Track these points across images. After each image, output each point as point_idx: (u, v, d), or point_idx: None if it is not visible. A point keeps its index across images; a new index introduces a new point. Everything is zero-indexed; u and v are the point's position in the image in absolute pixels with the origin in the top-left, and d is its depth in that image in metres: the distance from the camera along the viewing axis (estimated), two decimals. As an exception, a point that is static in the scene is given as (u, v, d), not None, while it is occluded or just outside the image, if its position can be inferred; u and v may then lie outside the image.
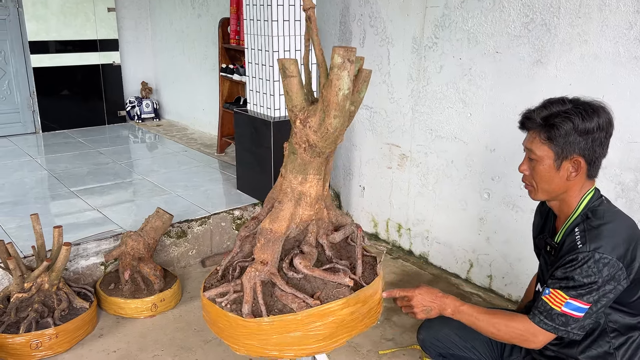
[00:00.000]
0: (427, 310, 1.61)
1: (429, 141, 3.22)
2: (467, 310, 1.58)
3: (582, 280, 1.43)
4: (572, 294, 1.44)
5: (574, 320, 1.45)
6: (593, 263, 1.42)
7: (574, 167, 1.50)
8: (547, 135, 1.48)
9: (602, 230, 1.46)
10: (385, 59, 3.39)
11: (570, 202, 1.56)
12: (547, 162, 1.51)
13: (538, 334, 1.50)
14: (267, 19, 3.24)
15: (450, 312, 1.60)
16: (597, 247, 1.43)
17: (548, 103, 1.52)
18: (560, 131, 1.46)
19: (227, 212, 3.49)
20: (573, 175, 1.51)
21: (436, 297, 1.61)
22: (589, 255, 1.42)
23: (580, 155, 1.48)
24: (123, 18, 6.03)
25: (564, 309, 1.45)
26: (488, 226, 2.98)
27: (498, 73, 2.78)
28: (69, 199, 3.71)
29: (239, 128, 3.76)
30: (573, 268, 1.44)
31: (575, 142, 1.46)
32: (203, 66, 5.53)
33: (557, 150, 1.48)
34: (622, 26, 2.29)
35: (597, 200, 1.55)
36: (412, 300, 1.61)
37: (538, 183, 1.56)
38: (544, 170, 1.52)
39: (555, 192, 1.56)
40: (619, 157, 2.38)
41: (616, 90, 2.34)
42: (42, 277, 2.52)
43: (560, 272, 1.48)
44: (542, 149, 1.50)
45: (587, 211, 1.53)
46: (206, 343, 2.57)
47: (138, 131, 5.90)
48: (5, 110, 5.43)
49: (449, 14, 2.95)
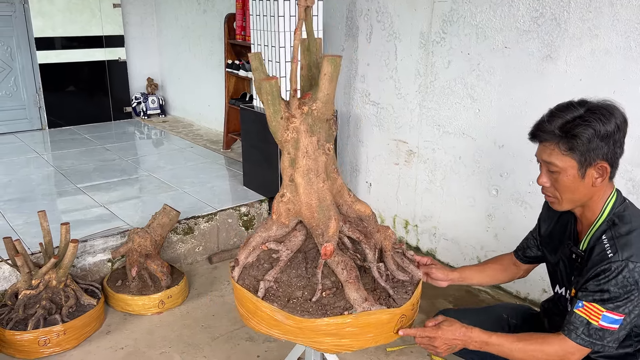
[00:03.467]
0: (451, 348, 1.54)
1: (437, 137, 3.20)
2: (497, 341, 1.50)
3: (618, 292, 1.38)
4: (609, 306, 1.39)
5: (610, 334, 1.40)
6: (628, 273, 1.37)
7: (598, 172, 1.43)
8: (569, 146, 1.40)
9: (632, 238, 1.41)
10: (393, 54, 3.36)
11: (593, 208, 1.50)
12: (571, 173, 1.43)
13: (575, 352, 1.44)
14: (273, 14, 3.22)
15: (477, 346, 1.52)
16: (630, 256, 1.38)
17: (557, 110, 1.45)
18: (582, 139, 1.38)
19: (234, 208, 3.48)
20: (599, 182, 1.45)
21: (459, 334, 1.52)
22: (623, 265, 1.37)
23: (604, 159, 1.42)
24: (129, 14, 6.03)
25: (602, 322, 1.40)
26: (496, 222, 2.96)
27: (507, 68, 2.75)
28: (75, 195, 3.71)
29: (245, 124, 3.74)
30: (607, 280, 1.39)
31: (597, 147, 1.39)
32: (209, 62, 5.51)
33: (580, 159, 1.41)
34: (633, 20, 2.25)
35: (621, 205, 1.50)
36: (435, 342, 1.53)
37: (562, 194, 1.48)
38: (569, 181, 1.45)
39: (581, 201, 1.50)
40: (630, 154, 2.33)
41: (627, 85, 2.31)
42: (50, 274, 2.52)
43: (594, 285, 1.42)
44: (564, 160, 1.42)
45: (613, 217, 1.47)
46: (214, 340, 2.57)
47: (144, 127, 5.90)
48: (11, 106, 5.44)
49: (457, 8, 2.93)
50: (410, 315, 1.55)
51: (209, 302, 2.90)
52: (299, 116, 1.48)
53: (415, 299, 1.55)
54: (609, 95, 2.30)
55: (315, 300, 1.47)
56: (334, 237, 1.49)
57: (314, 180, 1.51)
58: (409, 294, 1.55)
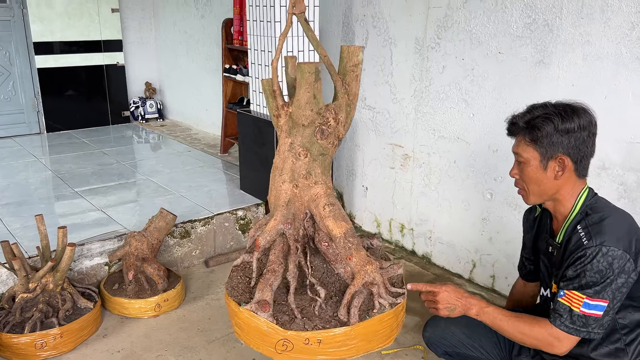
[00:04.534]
0: (450, 308, 1.62)
1: (432, 141, 3.22)
2: (492, 312, 1.59)
3: (594, 277, 1.44)
4: (588, 292, 1.45)
5: (594, 320, 1.46)
6: (602, 257, 1.43)
7: (559, 165, 1.53)
8: (531, 137, 1.53)
9: (604, 225, 1.48)
10: (388, 59, 3.39)
11: (565, 202, 1.59)
12: (534, 164, 1.55)
13: (562, 339, 1.50)
14: (270, 19, 3.25)
15: (475, 312, 1.60)
16: (603, 241, 1.45)
17: (531, 108, 1.57)
18: (542, 132, 1.51)
19: (231, 212, 3.50)
20: (560, 174, 1.54)
21: (462, 296, 1.62)
22: (597, 250, 1.44)
23: (565, 154, 1.52)
24: (127, 19, 6.06)
25: (583, 309, 1.46)
26: (491, 226, 2.99)
27: (501, 73, 2.78)
28: (73, 199, 3.73)
29: (242, 128, 3.77)
30: (583, 265, 1.46)
31: (558, 141, 1.51)
32: (206, 67, 5.54)
33: (541, 151, 1.53)
34: (624, 27, 2.29)
35: (592, 197, 1.59)
36: (438, 295, 1.62)
37: (528, 185, 1.60)
38: (532, 172, 1.56)
39: (547, 193, 1.59)
40: (621, 158, 2.38)
41: (619, 90, 2.33)
42: (47, 277, 2.54)
43: (571, 271, 1.49)
44: (528, 150, 1.55)
45: (585, 208, 1.56)
46: (209, 343, 2.58)
47: (142, 131, 5.92)
48: (10, 110, 5.46)
49: (452, 14, 2.96)
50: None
51: (205, 306, 2.92)
52: (283, 115, 1.56)
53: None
54: (600, 100, 2.35)
55: None
56: (267, 234, 1.65)
57: (277, 178, 1.63)
58: (317, 328, 1.67)
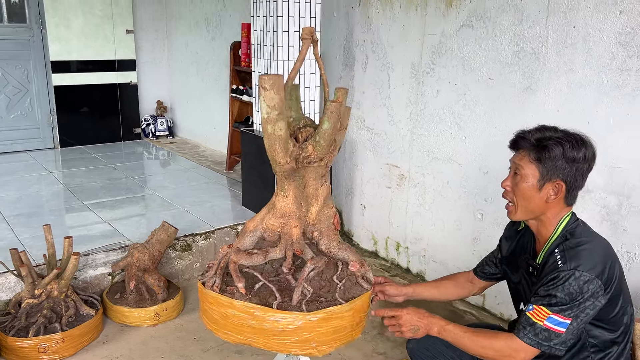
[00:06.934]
0: (414, 329, 1.68)
1: (426, 162, 3.33)
2: (453, 330, 1.65)
3: (563, 297, 1.51)
4: (554, 309, 1.51)
5: (556, 336, 1.52)
6: (574, 280, 1.50)
7: (554, 190, 1.59)
8: (537, 156, 1.57)
9: (580, 250, 1.55)
10: (386, 82, 3.52)
11: (547, 225, 1.65)
12: (531, 181, 1.59)
13: (520, 350, 1.56)
14: (272, 44, 3.41)
15: (437, 331, 1.67)
16: (577, 266, 1.51)
17: (542, 128, 1.62)
18: (550, 154, 1.55)
19: (231, 227, 3.62)
20: (552, 198, 1.60)
21: (423, 317, 1.68)
22: (570, 274, 1.51)
23: (563, 180, 1.58)
24: (141, 39, 6.29)
25: (546, 323, 1.52)
26: (481, 246, 3.07)
27: (491, 98, 2.89)
28: (81, 211, 3.88)
29: (245, 146, 3.91)
30: (555, 286, 1.53)
31: (561, 167, 1.56)
32: (215, 87, 5.73)
33: (543, 171, 1.58)
34: (605, 56, 2.40)
35: (574, 222, 1.65)
36: (400, 319, 1.68)
37: (518, 200, 1.64)
38: (526, 188, 1.61)
39: (534, 213, 1.65)
40: (603, 182, 2.47)
41: (600, 117, 2.44)
42: (52, 284, 2.67)
43: (543, 290, 1.56)
44: (530, 167, 1.59)
45: (565, 232, 1.62)
46: (205, 352, 2.68)
47: (152, 148, 6.10)
48: (26, 126, 5.68)
49: (445, 41, 3.09)
50: None
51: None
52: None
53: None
54: (583, 126, 2.44)
55: None
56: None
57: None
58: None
